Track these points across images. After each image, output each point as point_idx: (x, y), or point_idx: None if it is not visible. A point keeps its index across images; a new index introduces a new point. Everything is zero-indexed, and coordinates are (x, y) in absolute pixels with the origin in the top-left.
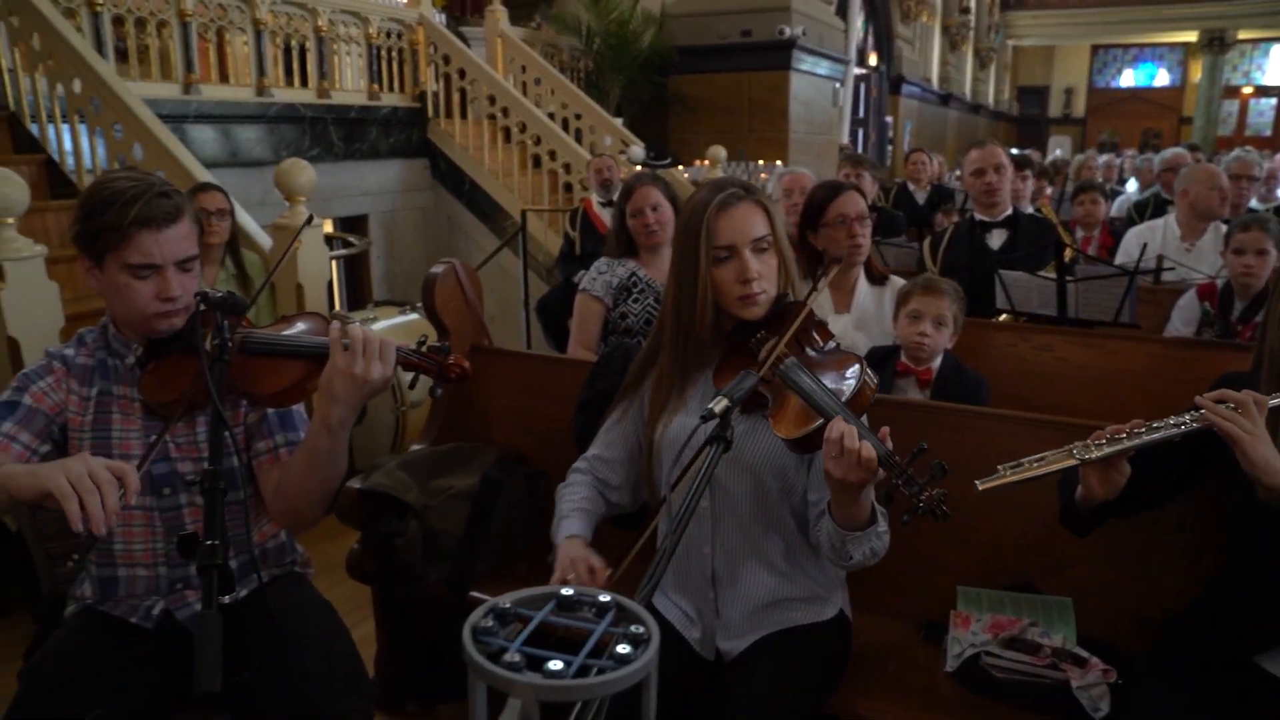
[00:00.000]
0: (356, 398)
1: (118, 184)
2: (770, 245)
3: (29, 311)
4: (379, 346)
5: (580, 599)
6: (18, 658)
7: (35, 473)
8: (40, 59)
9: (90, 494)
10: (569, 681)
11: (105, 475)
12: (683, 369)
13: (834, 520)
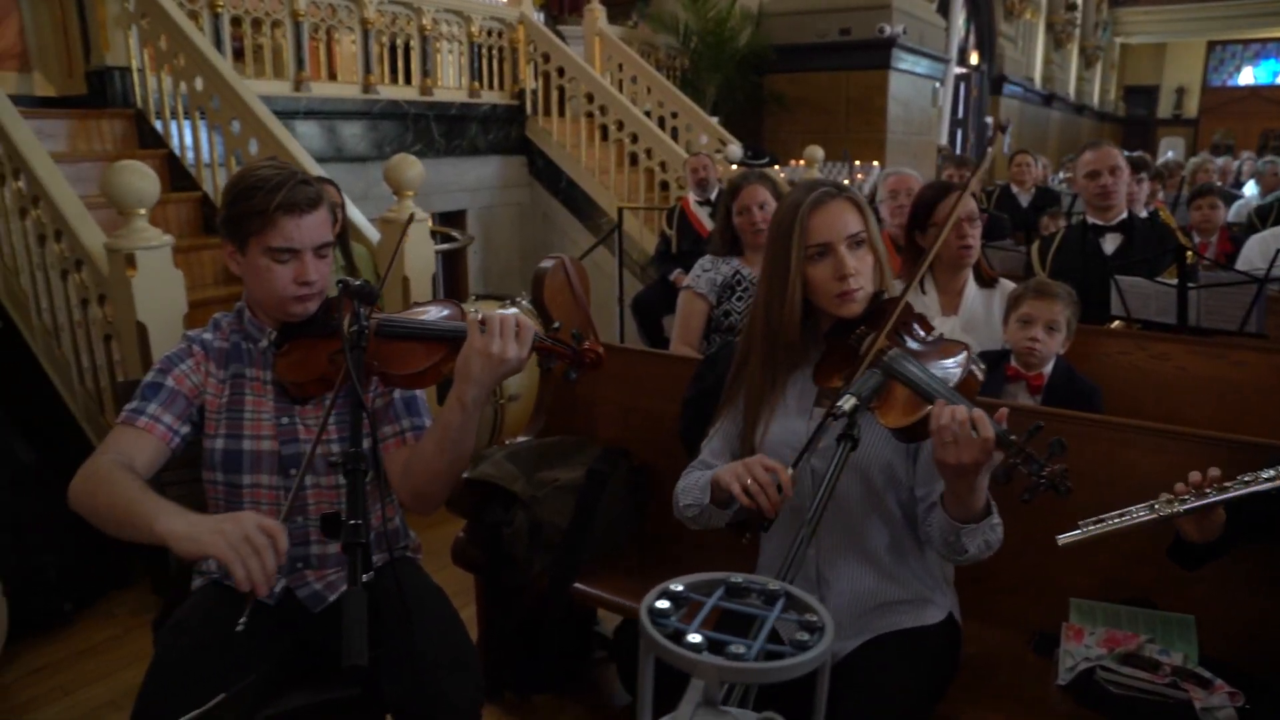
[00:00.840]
0: (491, 378)
1: (262, 172)
2: (865, 242)
3: (156, 298)
4: (515, 327)
5: (749, 586)
6: (143, 623)
7: (197, 538)
8: (166, 59)
9: (251, 559)
10: (751, 664)
11: (261, 540)
12: (774, 369)
13: (947, 513)
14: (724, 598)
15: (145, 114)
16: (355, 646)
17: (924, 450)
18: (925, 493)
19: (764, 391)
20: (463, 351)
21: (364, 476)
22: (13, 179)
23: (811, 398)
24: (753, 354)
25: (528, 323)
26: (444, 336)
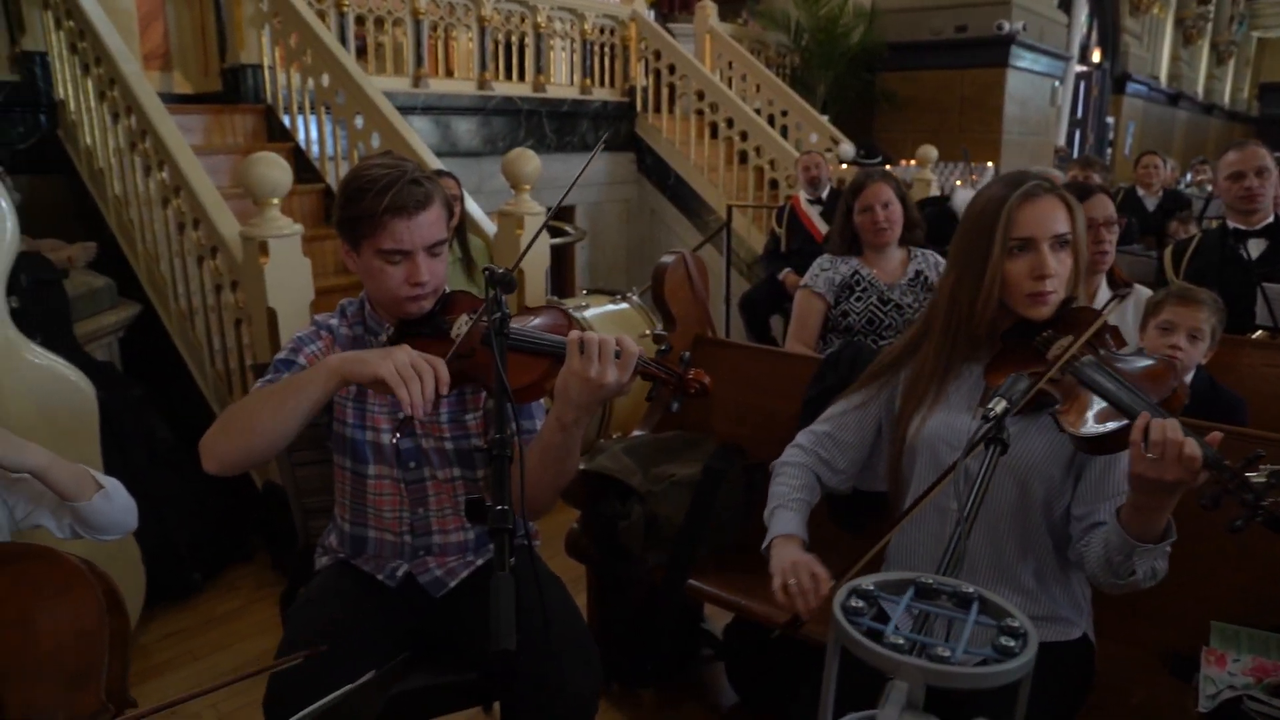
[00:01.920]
0: (591, 401)
1: (373, 172)
2: (1069, 244)
3: (286, 284)
4: (617, 351)
5: (939, 588)
6: (263, 597)
7: (365, 359)
8: (296, 56)
9: (413, 381)
10: (959, 669)
11: (425, 366)
12: (947, 361)
13: (1126, 529)
14: (914, 598)
15: (274, 109)
16: (504, 630)
17: (1091, 468)
18: (1085, 512)
19: (931, 381)
20: (561, 374)
21: (509, 463)
22: (157, 170)
23: (978, 395)
24: (927, 342)
25: (632, 347)
26: (548, 353)
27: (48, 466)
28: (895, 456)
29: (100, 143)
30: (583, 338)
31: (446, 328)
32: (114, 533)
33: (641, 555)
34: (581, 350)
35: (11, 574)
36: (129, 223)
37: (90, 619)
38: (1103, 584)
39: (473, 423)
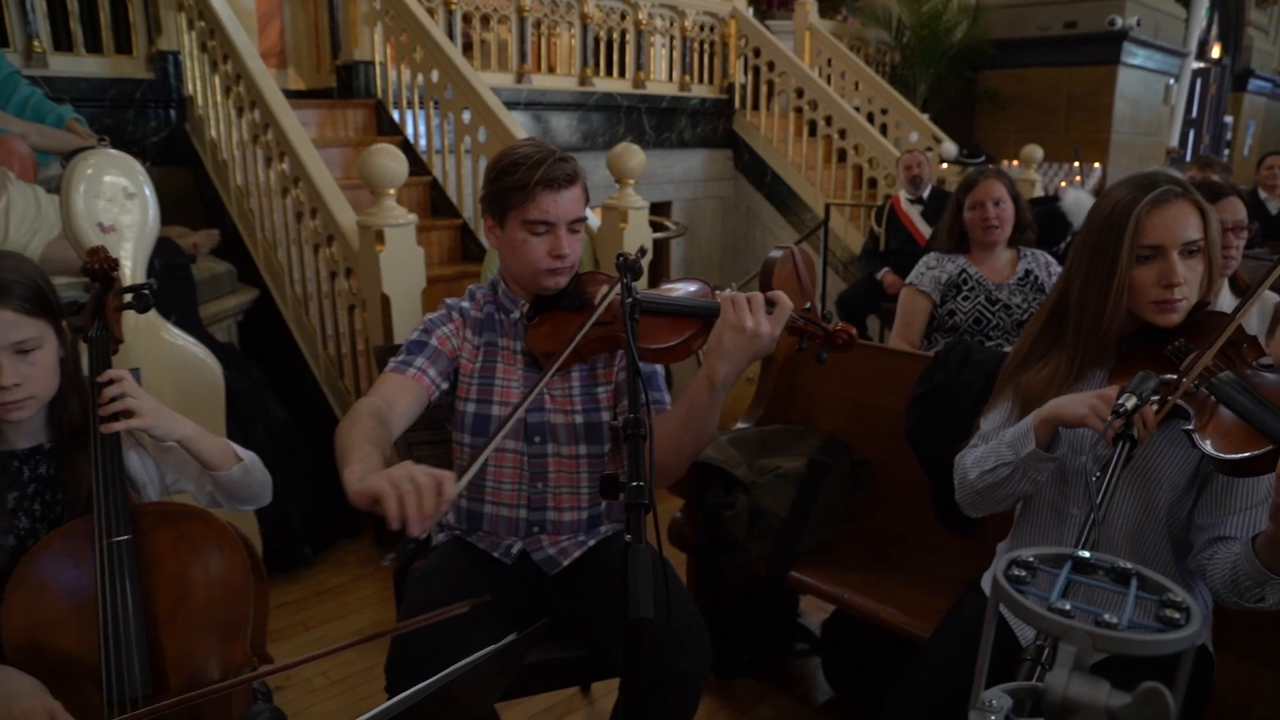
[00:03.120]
0: (745, 356)
1: (524, 150)
2: (1200, 250)
3: (400, 271)
4: (769, 304)
5: (1097, 563)
6: (369, 572)
7: (363, 478)
8: (406, 52)
9: (410, 496)
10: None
11: (425, 481)
12: (1080, 369)
13: (1260, 558)
14: (1072, 571)
15: (384, 104)
16: (643, 599)
17: (1216, 478)
18: (1209, 523)
19: (1061, 387)
20: (716, 327)
21: (644, 441)
22: (278, 162)
23: None
24: (1058, 349)
25: (785, 301)
26: (696, 313)
27: (194, 437)
28: None
29: (224, 136)
30: (736, 295)
31: (588, 299)
32: (249, 503)
33: (745, 545)
34: (735, 303)
35: (172, 531)
36: (249, 212)
37: (239, 577)
38: (1225, 601)
39: (603, 395)
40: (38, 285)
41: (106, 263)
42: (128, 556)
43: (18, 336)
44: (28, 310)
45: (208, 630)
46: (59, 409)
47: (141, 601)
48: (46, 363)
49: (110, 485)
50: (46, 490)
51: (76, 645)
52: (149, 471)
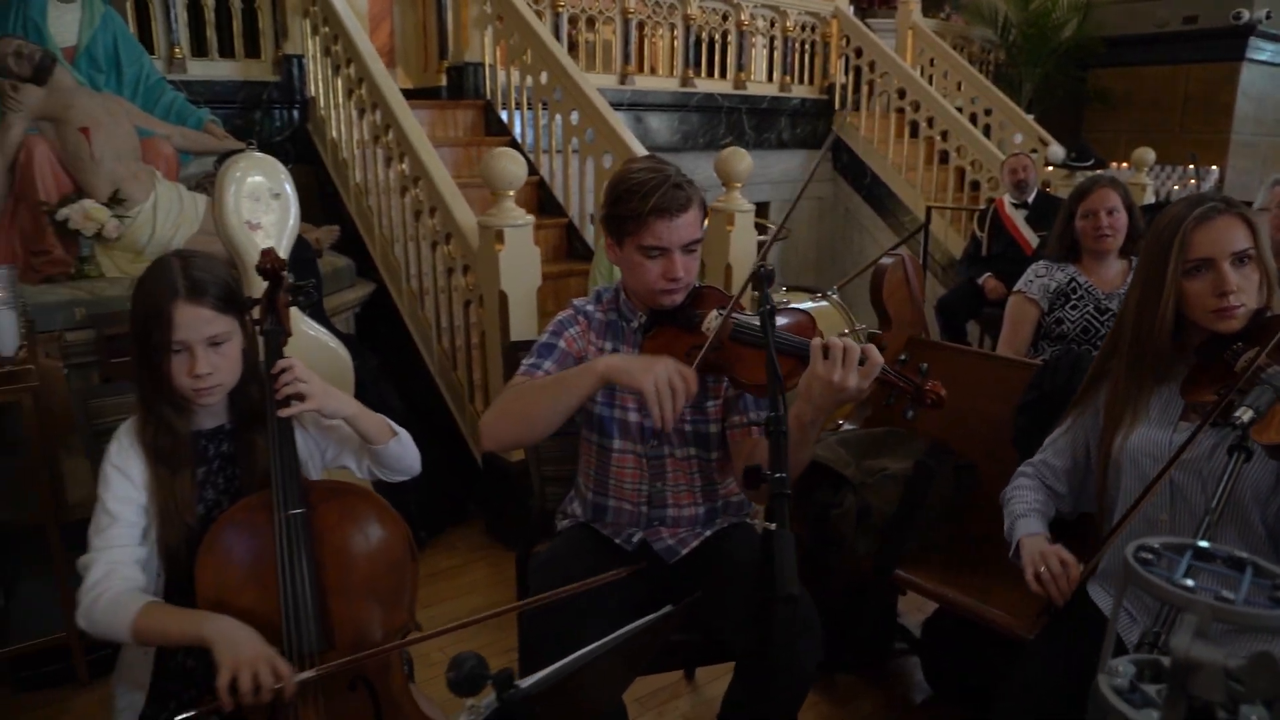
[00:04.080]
0: (830, 404)
1: (640, 175)
2: (1252, 259)
3: (518, 270)
4: (861, 359)
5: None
6: (478, 558)
7: (630, 370)
8: (516, 54)
9: (666, 399)
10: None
11: (680, 383)
12: (1140, 378)
13: None
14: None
15: (493, 104)
16: (788, 576)
17: None
18: None
19: (1128, 400)
20: (805, 376)
21: (785, 438)
22: (398, 161)
23: (1177, 410)
24: (1117, 360)
25: (876, 357)
26: (793, 353)
27: (357, 414)
28: (1101, 474)
29: (345, 136)
30: (828, 344)
31: (697, 321)
32: (403, 474)
33: (851, 543)
34: (826, 355)
35: (339, 506)
36: (368, 209)
37: (399, 550)
38: None
39: (712, 409)
40: (229, 284)
41: (276, 262)
42: (302, 528)
43: (211, 331)
44: (220, 307)
45: (370, 597)
46: (239, 394)
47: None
48: (234, 354)
49: (286, 464)
50: (228, 466)
51: (257, 604)
52: (312, 448)
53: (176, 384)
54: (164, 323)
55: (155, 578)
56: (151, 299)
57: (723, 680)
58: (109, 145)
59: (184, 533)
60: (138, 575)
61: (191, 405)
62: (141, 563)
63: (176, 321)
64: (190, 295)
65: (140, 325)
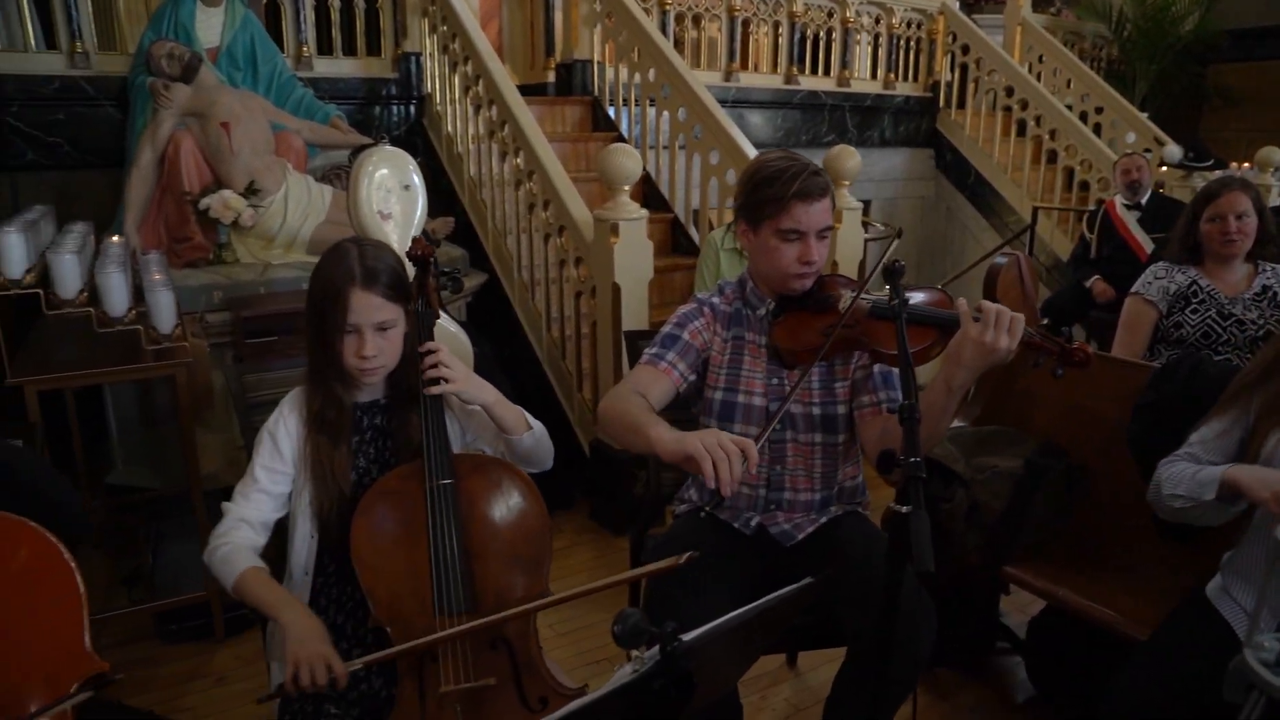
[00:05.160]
0: (980, 366)
1: (779, 163)
2: None
3: (631, 263)
4: (1009, 321)
5: None
6: (583, 541)
7: (680, 440)
8: (625, 52)
9: (721, 461)
10: None
11: (732, 448)
12: None
13: None
14: None
15: (600, 101)
16: (925, 555)
17: None
18: None
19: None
20: (956, 337)
21: (918, 424)
22: (513, 156)
23: None
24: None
25: (1019, 317)
26: (936, 322)
27: (495, 403)
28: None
29: (460, 131)
30: (980, 306)
31: (832, 303)
32: (535, 467)
33: (960, 538)
34: (977, 317)
35: (485, 478)
36: (481, 202)
37: (538, 521)
38: None
39: (840, 390)
40: (399, 274)
41: (426, 249)
42: (451, 497)
43: (380, 318)
44: (390, 295)
45: (511, 564)
46: (397, 373)
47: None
48: (397, 339)
49: (436, 437)
50: (380, 438)
51: (407, 567)
52: (455, 429)
53: (345, 363)
54: (339, 306)
55: (309, 539)
56: (329, 282)
57: (824, 668)
58: (246, 139)
59: (337, 498)
60: (257, 537)
61: (356, 382)
62: (267, 526)
63: (351, 305)
64: (364, 282)
65: (317, 305)
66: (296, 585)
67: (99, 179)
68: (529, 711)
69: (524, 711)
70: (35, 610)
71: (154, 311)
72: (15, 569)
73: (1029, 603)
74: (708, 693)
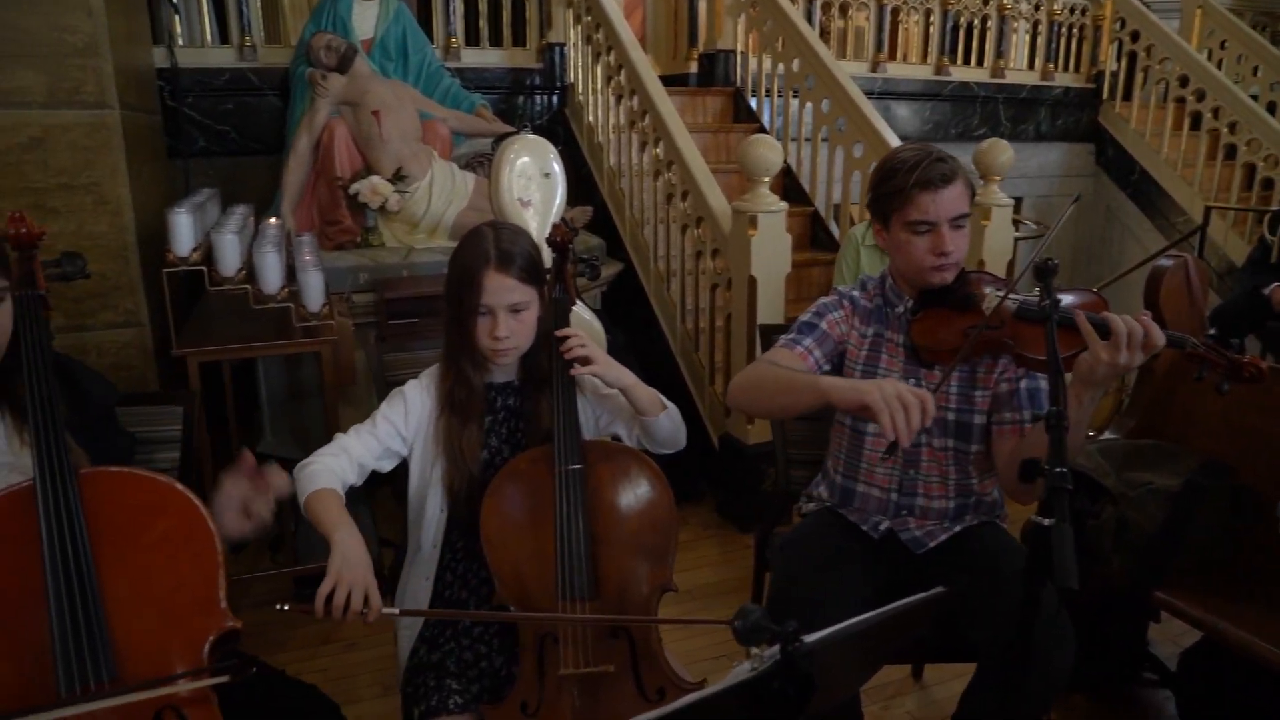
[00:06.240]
0: (1111, 380)
1: (902, 154)
2: None
3: (769, 256)
4: (1142, 338)
5: None
6: (710, 535)
7: (858, 388)
8: (769, 42)
9: (898, 412)
10: None
11: (912, 400)
12: None
13: None
14: None
15: (742, 92)
16: (1068, 571)
17: None
18: None
19: None
20: (1086, 357)
21: (1065, 432)
22: (653, 146)
23: None
24: None
25: (1158, 333)
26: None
27: (633, 385)
28: None
29: (601, 121)
30: (1109, 322)
31: (975, 301)
32: (668, 448)
33: (1107, 557)
34: (1107, 335)
35: (613, 465)
36: (620, 192)
37: (665, 512)
38: None
39: (980, 400)
40: (533, 257)
41: (566, 236)
42: (579, 483)
43: (514, 299)
44: (524, 278)
45: (637, 552)
46: (530, 356)
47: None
48: (530, 321)
49: (567, 422)
50: (511, 419)
51: (534, 548)
52: (588, 414)
53: (479, 343)
54: (474, 287)
55: (439, 514)
56: (466, 265)
57: (951, 683)
58: (396, 127)
59: (467, 476)
60: (349, 471)
61: (489, 363)
62: (364, 469)
63: (485, 287)
64: (500, 265)
65: (454, 286)
66: (424, 558)
67: (260, 164)
68: (646, 702)
69: (641, 701)
70: (177, 569)
71: (304, 290)
72: (162, 529)
73: (1182, 633)
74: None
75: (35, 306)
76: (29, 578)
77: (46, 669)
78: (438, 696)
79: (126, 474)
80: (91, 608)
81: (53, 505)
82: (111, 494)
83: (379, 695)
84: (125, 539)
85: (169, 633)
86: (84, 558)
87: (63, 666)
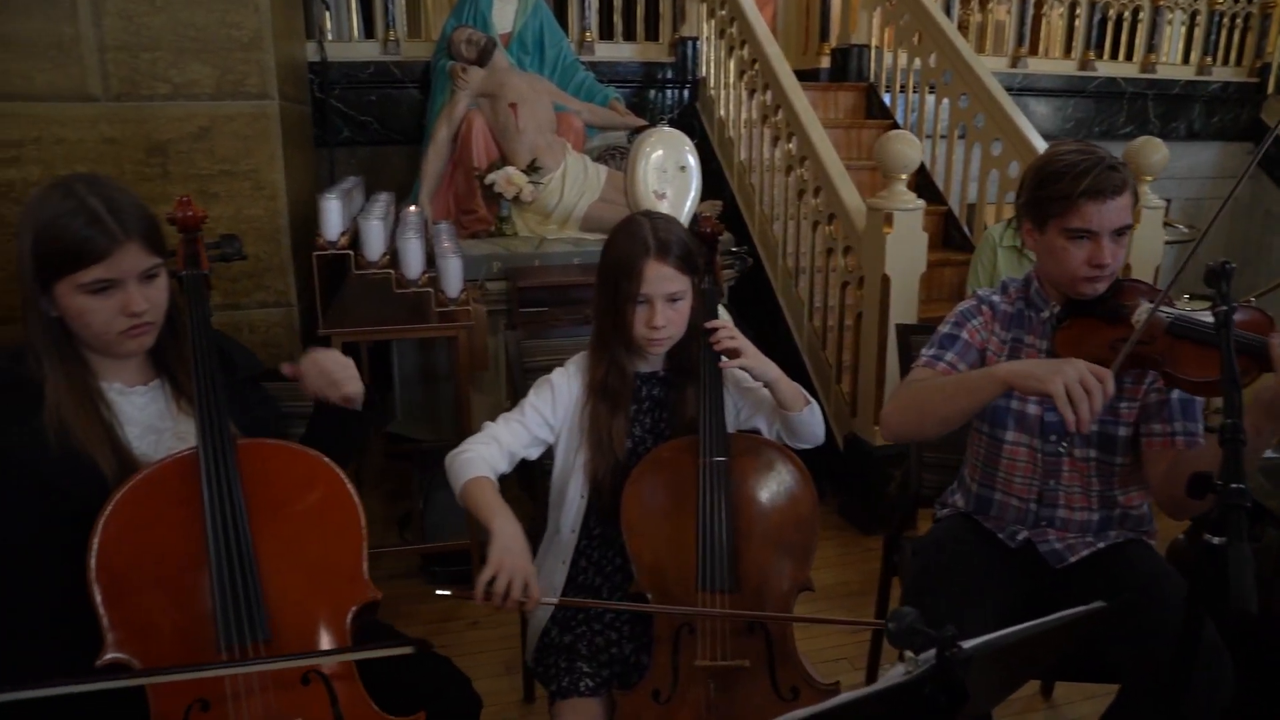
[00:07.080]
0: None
1: (1069, 157)
2: None
3: (904, 254)
4: None
5: None
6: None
7: (1037, 374)
8: (905, 36)
9: (1081, 401)
10: None
11: (1093, 383)
12: None
13: None
14: None
15: (876, 87)
16: (1246, 593)
17: None
18: None
19: None
20: (1265, 381)
21: (1241, 446)
22: (785, 141)
23: None
24: None
25: None
26: (1247, 349)
27: (778, 379)
28: None
29: (733, 115)
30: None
31: (1125, 313)
32: (809, 442)
33: (1268, 583)
34: None
35: (758, 459)
36: (749, 186)
37: (808, 509)
38: None
39: (1126, 411)
40: (689, 246)
41: (715, 228)
42: (724, 475)
43: (672, 288)
44: (681, 267)
45: (778, 548)
46: (679, 347)
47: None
48: (685, 310)
49: (714, 414)
50: (656, 409)
51: (675, 537)
52: (728, 406)
53: (635, 333)
54: (634, 276)
55: (579, 499)
56: (625, 254)
57: (1082, 704)
58: (531, 119)
59: (610, 463)
60: (500, 459)
61: (642, 353)
62: (513, 456)
63: (645, 276)
64: (659, 253)
65: (611, 275)
66: (562, 542)
67: (399, 154)
68: (780, 700)
69: (774, 699)
70: (325, 539)
71: (443, 277)
72: (312, 501)
73: None
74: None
75: (200, 285)
76: (193, 539)
77: (208, 627)
78: (569, 678)
79: (281, 446)
80: (249, 569)
81: (214, 472)
82: (267, 464)
83: (499, 674)
84: (278, 507)
85: (317, 600)
86: (241, 522)
87: (222, 625)
